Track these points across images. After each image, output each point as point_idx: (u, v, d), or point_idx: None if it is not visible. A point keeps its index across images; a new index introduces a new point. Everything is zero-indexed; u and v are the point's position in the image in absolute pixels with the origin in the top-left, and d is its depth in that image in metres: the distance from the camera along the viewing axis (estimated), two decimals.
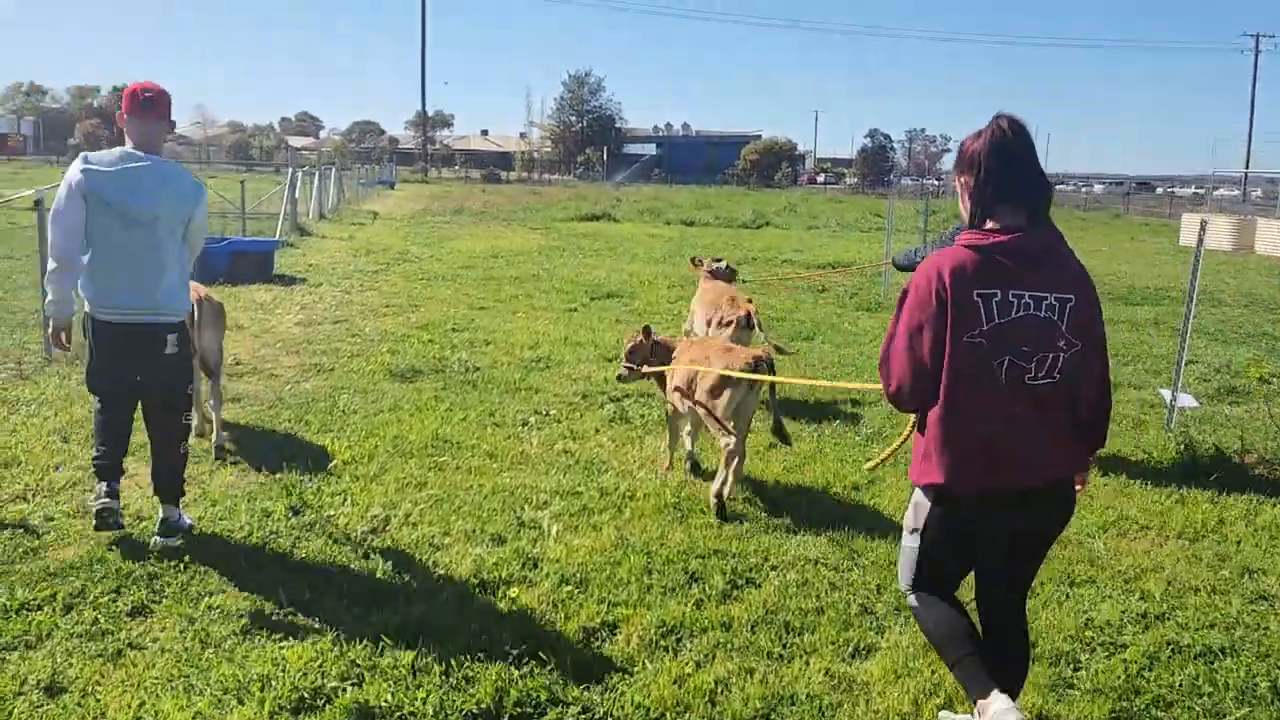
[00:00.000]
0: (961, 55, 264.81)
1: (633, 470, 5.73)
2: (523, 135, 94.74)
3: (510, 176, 73.15)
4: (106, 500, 4.29)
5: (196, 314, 5.23)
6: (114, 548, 4.32)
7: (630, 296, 13.33)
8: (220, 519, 4.72)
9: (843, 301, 13.62)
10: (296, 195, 21.16)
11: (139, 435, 4.65)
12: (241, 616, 3.77)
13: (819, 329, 11.15)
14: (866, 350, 9.77)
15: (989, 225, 2.75)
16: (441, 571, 4.24)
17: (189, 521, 4.55)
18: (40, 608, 3.77)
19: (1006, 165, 2.74)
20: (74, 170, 4.15)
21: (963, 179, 2.84)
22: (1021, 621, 3.07)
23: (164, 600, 3.89)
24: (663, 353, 5.86)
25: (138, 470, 5.29)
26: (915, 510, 2.95)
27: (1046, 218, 2.79)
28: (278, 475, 5.35)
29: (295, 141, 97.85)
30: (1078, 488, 2.94)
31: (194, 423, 4.77)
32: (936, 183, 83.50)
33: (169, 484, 4.44)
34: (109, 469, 4.36)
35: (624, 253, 19.57)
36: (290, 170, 20.93)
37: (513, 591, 4.06)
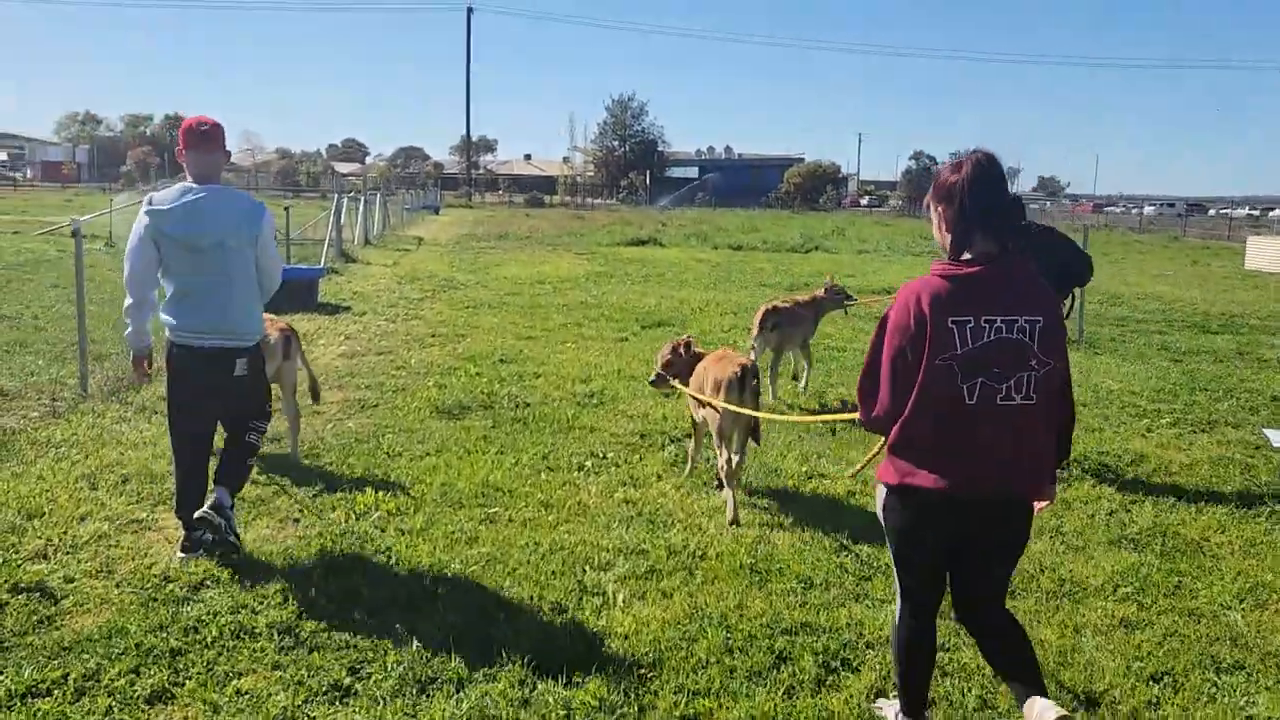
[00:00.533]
0: (1004, 76, 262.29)
1: (701, 523, 5.23)
2: (566, 160, 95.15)
3: (553, 200, 73.30)
4: (188, 550, 4.43)
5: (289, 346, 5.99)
6: (136, 618, 3.91)
7: (682, 325, 12.85)
8: (253, 583, 4.29)
9: None
10: (342, 222, 21.05)
11: (164, 483, 4.24)
12: (273, 704, 3.33)
13: None
14: None
15: (965, 256, 2.87)
16: (497, 649, 3.76)
17: (229, 506, 4.47)
18: (49, 692, 3.36)
19: (986, 197, 2.85)
20: (140, 214, 4.32)
21: (940, 209, 2.95)
22: (1004, 614, 3.13)
23: (188, 683, 3.46)
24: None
25: (165, 521, 4.91)
26: (881, 510, 3.09)
27: (1015, 245, 2.92)
28: (316, 529, 4.93)
29: (342, 167, 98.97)
30: (1041, 505, 3.03)
31: (265, 431, 4.83)
32: None
33: (231, 473, 4.54)
34: (190, 509, 4.43)
35: (672, 279, 19.13)
36: (335, 196, 20.81)
37: (578, 676, 3.57)
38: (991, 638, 3.11)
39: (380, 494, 5.45)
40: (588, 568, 4.54)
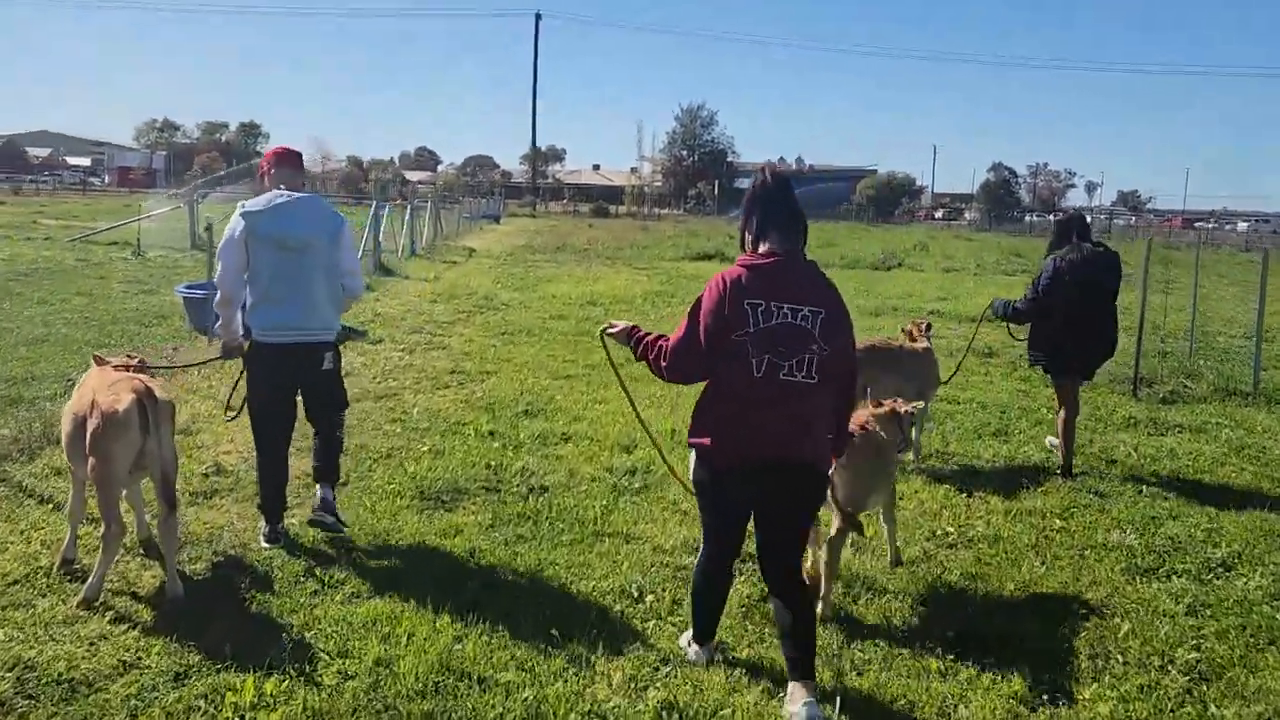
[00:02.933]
0: (1087, 86, 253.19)
1: None
2: (633, 170, 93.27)
3: (619, 210, 71.42)
4: (271, 540, 4.73)
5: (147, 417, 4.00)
6: None
7: None
8: None
9: (1019, 372, 10.59)
10: (381, 232, 19.31)
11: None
12: None
13: (1017, 411, 8.26)
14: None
15: (761, 250, 3.45)
16: None
17: (333, 499, 4.92)
18: None
19: (766, 207, 3.49)
20: (235, 217, 4.66)
21: (744, 213, 3.57)
22: (794, 582, 3.51)
23: None
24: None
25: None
26: (692, 468, 3.59)
27: (802, 248, 3.48)
28: None
29: (412, 175, 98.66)
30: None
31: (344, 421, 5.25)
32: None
33: (325, 468, 4.96)
34: (273, 511, 4.81)
35: None
36: (374, 204, 19.02)
37: None
38: (778, 597, 3.50)
39: (272, 682, 3.39)
40: None
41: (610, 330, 3.86)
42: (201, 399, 7.60)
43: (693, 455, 3.54)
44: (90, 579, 3.99)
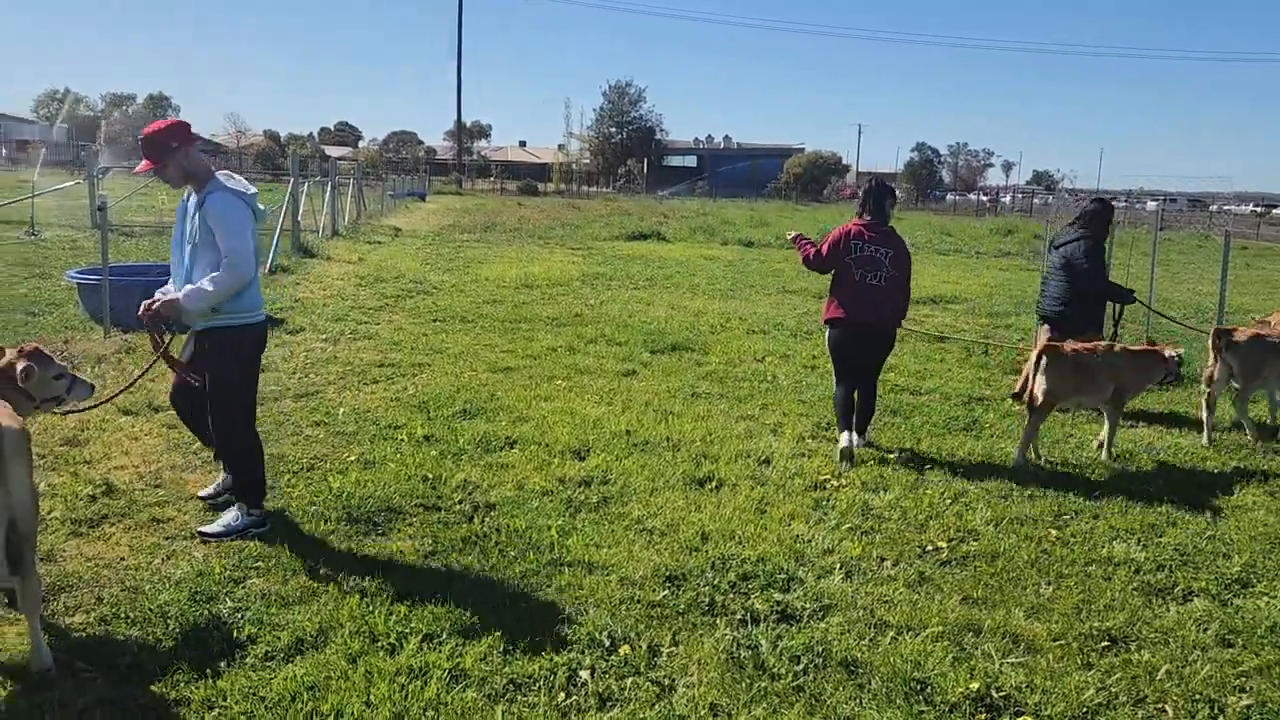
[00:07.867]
0: (1008, 66, 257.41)
1: None
2: (561, 147, 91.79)
3: (548, 189, 70.17)
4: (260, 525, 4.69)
5: None
6: None
7: (703, 350, 10.09)
8: None
9: (975, 359, 10.24)
10: (300, 210, 18.21)
11: None
12: None
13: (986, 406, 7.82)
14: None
15: (862, 217, 6.53)
16: None
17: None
18: None
19: (867, 197, 6.62)
20: (235, 201, 4.56)
21: (859, 199, 6.74)
22: (870, 391, 6.61)
23: None
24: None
25: None
26: (826, 336, 6.74)
27: (887, 219, 6.54)
28: None
29: (333, 151, 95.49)
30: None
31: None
32: (985, 199, 79.29)
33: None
34: (262, 491, 4.83)
35: (681, 282, 16.33)
36: (292, 181, 17.88)
37: None
38: (860, 393, 6.52)
39: None
40: None
41: (790, 235, 7.13)
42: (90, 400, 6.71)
43: (827, 328, 6.59)
44: (33, 642, 3.22)
